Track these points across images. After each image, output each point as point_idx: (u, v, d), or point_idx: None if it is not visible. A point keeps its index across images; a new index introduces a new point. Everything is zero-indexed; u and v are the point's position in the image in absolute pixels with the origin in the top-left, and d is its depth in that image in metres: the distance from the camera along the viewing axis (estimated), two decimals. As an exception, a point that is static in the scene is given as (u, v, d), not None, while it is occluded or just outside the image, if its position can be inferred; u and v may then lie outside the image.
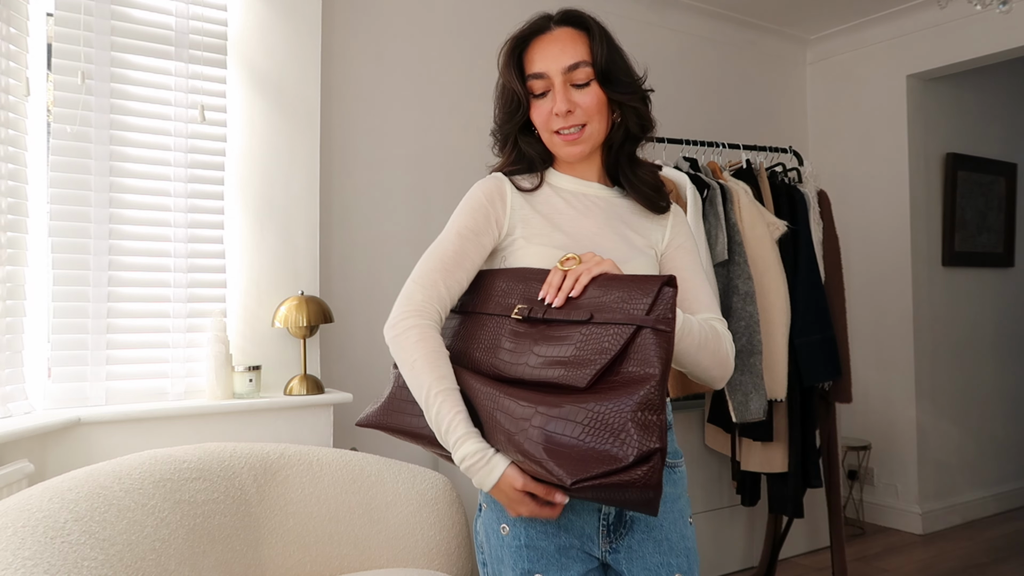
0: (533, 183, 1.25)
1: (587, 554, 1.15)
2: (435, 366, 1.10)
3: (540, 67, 1.20)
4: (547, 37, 1.22)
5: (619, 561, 1.16)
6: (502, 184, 1.23)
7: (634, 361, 0.97)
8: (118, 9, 2.13)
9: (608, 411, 0.93)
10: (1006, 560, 3.38)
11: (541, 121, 1.22)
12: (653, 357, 0.96)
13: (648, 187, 1.27)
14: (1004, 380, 4.27)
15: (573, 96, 1.19)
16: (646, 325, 0.98)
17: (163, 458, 1.68)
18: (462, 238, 1.19)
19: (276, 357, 2.36)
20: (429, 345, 1.11)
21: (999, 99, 4.31)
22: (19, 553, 1.21)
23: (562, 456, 0.93)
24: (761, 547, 3.24)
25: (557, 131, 1.20)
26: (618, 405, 0.93)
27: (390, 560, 1.91)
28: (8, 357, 1.90)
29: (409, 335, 1.12)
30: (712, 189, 2.69)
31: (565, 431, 0.94)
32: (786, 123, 4.18)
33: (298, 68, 2.45)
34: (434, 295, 1.16)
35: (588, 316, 1.03)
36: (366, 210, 2.78)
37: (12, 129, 1.94)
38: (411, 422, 1.17)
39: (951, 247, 4.00)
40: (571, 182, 1.27)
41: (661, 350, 0.97)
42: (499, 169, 1.28)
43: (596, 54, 1.19)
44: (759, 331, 2.63)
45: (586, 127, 1.20)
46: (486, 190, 1.23)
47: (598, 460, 0.91)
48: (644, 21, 3.55)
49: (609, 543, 1.16)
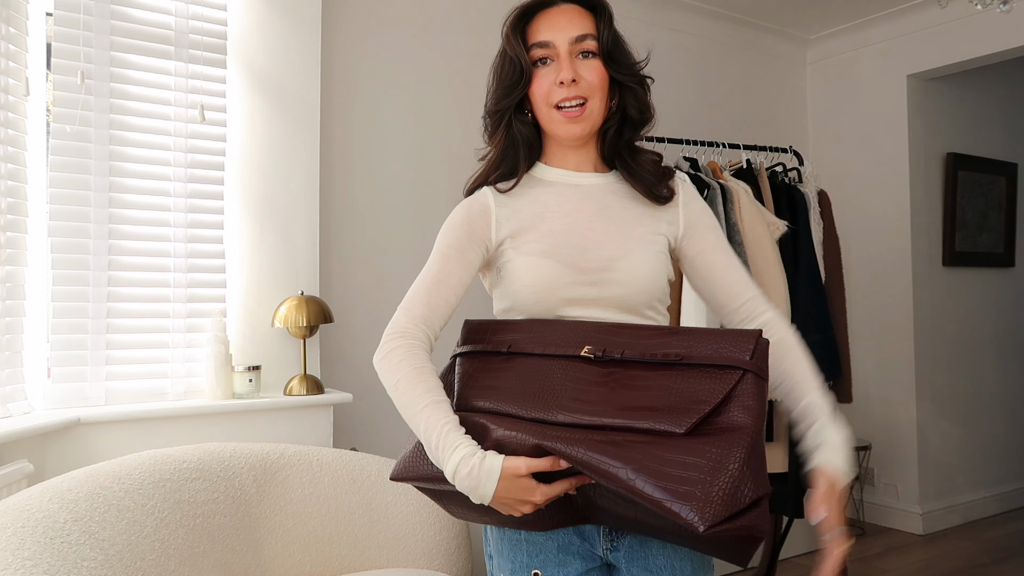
0: (513, 184, 1.22)
1: (589, 552, 1.13)
2: (419, 380, 1.07)
3: (546, 36, 1.17)
4: (554, 10, 1.19)
5: (619, 560, 1.14)
6: (483, 199, 1.21)
7: (737, 407, 0.95)
8: (118, 9, 2.13)
9: (722, 455, 0.90)
10: (1006, 560, 3.38)
11: (542, 92, 1.17)
12: (755, 403, 0.95)
13: (650, 174, 1.21)
14: (1005, 380, 4.27)
15: (578, 67, 1.15)
16: (751, 369, 0.96)
17: (163, 458, 1.68)
18: (443, 256, 1.17)
19: (276, 357, 2.36)
20: (413, 362, 1.08)
21: (999, 99, 4.31)
22: (19, 553, 1.21)
23: (688, 499, 0.87)
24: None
25: (558, 105, 1.16)
26: (730, 450, 0.90)
27: (390, 560, 1.91)
28: (8, 357, 1.90)
29: (393, 356, 1.10)
30: (712, 189, 2.69)
31: (683, 473, 0.89)
32: (786, 123, 4.18)
33: (298, 68, 2.45)
34: (417, 315, 1.14)
35: (679, 358, 0.99)
36: (366, 210, 2.78)
37: (12, 129, 1.93)
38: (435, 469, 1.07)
39: (951, 247, 4.00)
40: (562, 175, 1.23)
41: (762, 395, 0.96)
42: (483, 171, 1.25)
43: (602, 32, 1.17)
44: (759, 331, 2.62)
45: (587, 104, 1.16)
46: (467, 207, 1.21)
47: (725, 503, 0.87)
48: (644, 21, 3.55)
49: (610, 541, 1.14)
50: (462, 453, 0.99)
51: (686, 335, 1.02)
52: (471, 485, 0.99)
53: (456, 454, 1.00)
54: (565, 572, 1.10)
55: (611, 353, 1.03)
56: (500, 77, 1.21)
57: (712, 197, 2.68)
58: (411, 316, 1.13)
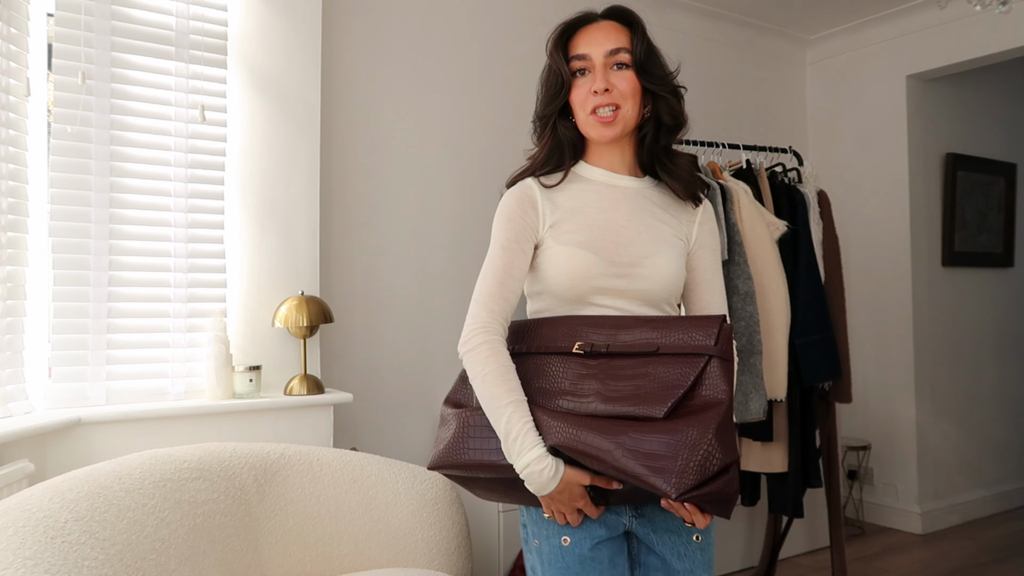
0: (559, 178, 1.35)
1: (616, 521, 1.26)
2: (505, 379, 1.20)
3: (584, 49, 1.31)
4: (593, 26, 1.33)
5: (644, 526, 1.27)
6: (530, 191, 1.33)
7: (707, 387, 1.12)
8: (118, 9, 2.13)
9: (695, 432, 1.07)
10: (1006, 560, 3.38)
11: (580, 99, 1.31)
12: (723, 383, 1.12)
13: (687, 175, 1.35)
14: (1004, 380, 4.27)
15: (611, 77, 1.29)
16: (715, 355, 1.13)
17: (163, 458, 1.68)
18: (506, 250, 1.29)
19: (276, 357, 2.36)
20: (499, 360, 1.22)
21: (999, 99, 4.31)
22: (19, 553, 1.21)
23: (663, 472, 1.06)
24: (761, 547, 3.24)
25: (593, 111, 1.29)
26: (703, 427, 1.07)
27: (390, 560, 1.91)
28: (8, 357, 1.90)
29: (480, 350, 1.23)
30: (712, 189, 2.69)
31: (660, 450, 1.07)
32: (786, 123, 4.18)
33: (298, 68, 2.45)
34: (496, 309, 1.26)
35: (655, 349, 1.16)
36: (366, 210, 2.78)
37: (12, 129, 1.94)
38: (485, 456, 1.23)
39: (951, 247, 4.00)
40: (601, 174, 1.35)
41: (729, 376, 1.13)
42: (529, 167, 1.37)
43: (635, 45, 1.30)
44: (759, 331, 2.63)
45: (619, 110, 1.29)
46: (517, 199, 1.32)
47: (693, 472, 1.05)
48: (644, 21, 3.54)
49: (634, 509, 1.27)
50: (537, 453, 1.16)
51: (662, 324, 1.19)
52: (539, 483, 1.16)
53: (532, 452, 1.16)
54: (592, 536, 1.24)
55: (598, 348, 1.19)
56: (546, 86, 1.36)
57: (712, 197, 2.68)
58: (490, 311, 1.26)
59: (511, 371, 1.22)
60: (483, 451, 1.22)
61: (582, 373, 1.19)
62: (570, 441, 1.13)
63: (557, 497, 1.18)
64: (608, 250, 1.27)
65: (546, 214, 1.31)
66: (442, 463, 1.27)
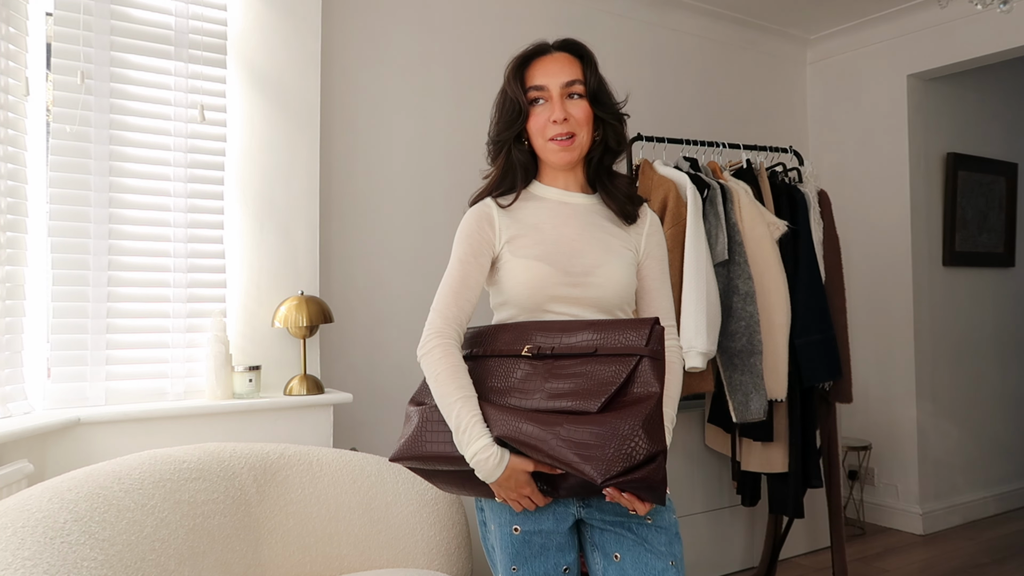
0: (513, 199, 1.44)
1: (564, 511, 1.35)
2: (456, 377, 1.31)
3: (541, 80, 1.41)
4: (548, 58, 1.43)
5: (592, 514, 1.36)
6: (488, 209, 1.43)
7: (639, 384, 1.23)
8: (118, 9, 2.13)
9: (624, 424, 1.17)
10: (1006, 560, 3.38)
11: (538, 127, 1.41)
12: (653, 380, 1.22)
13: (622, 195, 1.46)
14: (1005, 380, 4.27)
15: (568, 107, 1.40)
16: (646, 354, 1.23)
17: (163, 458, 1.68)
18: (463, 264, 1.40)
19: (276, 357, 2.36)
20: (451, 361, 1.33)
21: (999, 99, 4.30)
22: (19, 553, 1.21)
23: (591, 459, 1.16)
24: (761, 547, 3.24)
25: (552, 138, 1.39)
26: (631, 419, 1.17)
27: (390, 560, 1.91)
28: (8, 357, 1.90)
29: (435, 353, 1.34)
30: (712, 189, 2.69)
31: (590, 440, 1.17)
32: (786, 123, 4.18)
33: (298, 68, 2.45)
34: (451, 316, 1.37)
35: (593, 350, 1.26)
36: (366, 210, 2.78)
37: (12, 129, 1.93)
38: (441, 448, 1.32)
39: (951, 247, 4.00)
40: (555, 193, 1.46)
41: (658, 373, 1.23)
42: (486, 188, 1.48)
43: (588, 77, 1.41)
44: (759, 331, 2.63)
45: (575, 137, 1.40)
46: (476, 217, 1.43)
47: (619, 460, 1.15)
48: (644, 21, 3.55)
49: (581, 500, 1.35)
50: (484, 442, 1.26)
51: (603, 327, 1.29)
52: (487, 469, 1.25)
53: (479, 442, 1.25)
54: (539, 526, 1.34)
55: (544, 351, 1.30)
56: (502, 112, 1.45)
57: (712, 197, 2.68)
58: (445, 318, 1.37)
59: (462, 370, 1.32)
60: (440, 443, 1.32)
61: (529, 373, 1.30)
62: (512, 432, 1.23)
63: (504, 484, 1.27)
64: (562, 262, 1.37)
65: (502, 230, 1.41)
66: (404, 455, 1.37)
